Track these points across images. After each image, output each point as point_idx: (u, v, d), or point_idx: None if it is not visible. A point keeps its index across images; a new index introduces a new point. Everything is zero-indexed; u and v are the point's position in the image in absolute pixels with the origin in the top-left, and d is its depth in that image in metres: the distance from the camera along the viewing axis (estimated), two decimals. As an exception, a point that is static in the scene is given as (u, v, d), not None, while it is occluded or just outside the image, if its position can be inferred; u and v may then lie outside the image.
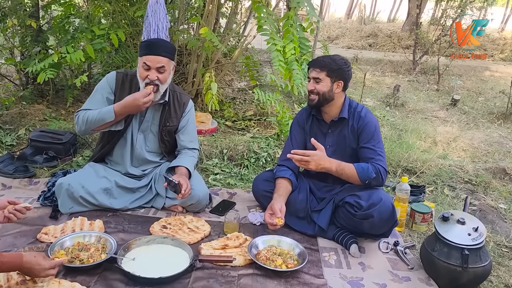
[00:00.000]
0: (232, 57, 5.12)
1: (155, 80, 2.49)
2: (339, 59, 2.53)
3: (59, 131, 3.50)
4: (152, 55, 2.48)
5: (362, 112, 2.57)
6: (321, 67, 2.49)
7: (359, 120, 2.55)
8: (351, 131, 2.57)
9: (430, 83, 7.64)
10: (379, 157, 2.47)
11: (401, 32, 12.51)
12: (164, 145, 2.79)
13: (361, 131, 2.54)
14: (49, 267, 1.84)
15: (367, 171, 2.39)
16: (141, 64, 2.50)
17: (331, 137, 2.63)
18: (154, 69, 2.48)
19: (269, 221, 2.39)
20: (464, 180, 3.58)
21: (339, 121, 2.59)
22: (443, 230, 2.21)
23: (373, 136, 2.51)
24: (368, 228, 2.40)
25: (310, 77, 2.52)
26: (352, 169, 2.40)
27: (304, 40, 3.98)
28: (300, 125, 2.74)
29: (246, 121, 4.49)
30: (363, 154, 2.51)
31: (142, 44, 2.57)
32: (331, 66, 2.49)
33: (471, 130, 5.12)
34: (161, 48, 2.50)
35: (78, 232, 2.28)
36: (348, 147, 2.59)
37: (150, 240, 2.26)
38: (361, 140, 2.53)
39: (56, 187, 2.53)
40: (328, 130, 2.64)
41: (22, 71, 4.19)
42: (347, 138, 2.59)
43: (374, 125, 2.54)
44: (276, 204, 2.43)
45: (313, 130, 2.70)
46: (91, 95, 2.65)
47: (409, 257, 2.42)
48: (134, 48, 4.25)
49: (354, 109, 2.59)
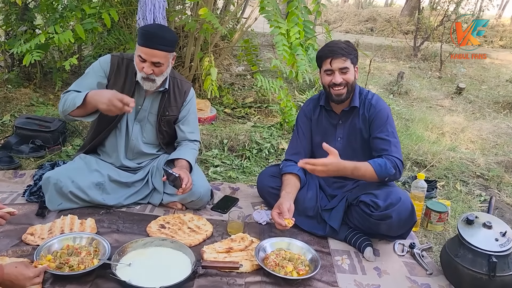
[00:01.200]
0: (231, 41, 4.85)
1: (150, 75, 2.24)
2: (350, 43, 2.34)
3: (47, 118, 3.25)
4: (148, 47, 2.19)
5: (373, 100, 2.37)
6: (345, 55, 2.25)
7: (370, 108, 2.35)
8: (363, 120, 2.36)
9: (432, 70, 7.45)
10: (394, 149, 2.26)
11: (400, 16, 12.27)
12: (162, 136, 2.56)
13: (372, 120, 2.33)
14: (33, 276, 1.63)
15: (385, 167, 2.17)
16: (137, 54, 2.24)
17: (341, 129, 2.43)
18: (149, 63, 2.22)
19: (278, 221, 2.19)
20: (475, 174, 3.41)
21: (350, 110, 2.38)
22: (467, 234, 2.03)
23: (385, 125, 2.30)
24: (385, 230, 2.21)
25: (334, 68, 2.25)
26: (369, 168, 2.18)
27: (309, 24, 3.75)
28: (307, 116, 2.52)
29: (246, 109, 4.26)
30: (376, 145, 2.30)
31: (140, 31, 2.26)
32: (353, 51, 2.28)
33: (478, 120, 4.95)
34: (159, 40, 2.19)
35: (68, 233, 2.06)
36: (360, 138, 2.39)
37: (148, 242, 2.06)
38: (374, 130, 2.32)
39: (43, 182, 2.30)
40: (339, 121, 2.43)
41: (7, 52, 3.90)
42: (358, 129, 2.38)
43: (386, 113, 2.33)
44: (284, 203, 2.23)
45: (321, 122, 2.48)
46: (81, 77, 2.39)
47: (427, 261, 2.24)
48: (128, 29, 3.98)
49: (364, 97, 2.39)
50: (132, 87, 2.38)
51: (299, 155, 2.43)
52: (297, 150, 2.50)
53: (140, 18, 3.08)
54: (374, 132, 2.32)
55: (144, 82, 2.28)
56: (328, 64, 2.26)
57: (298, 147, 2.50)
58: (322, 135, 2.47)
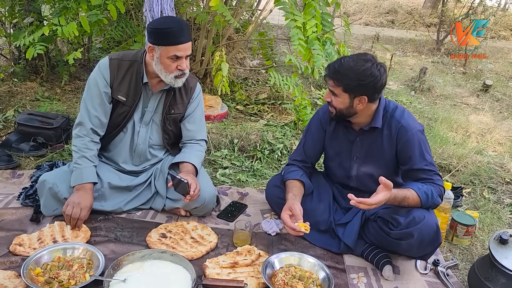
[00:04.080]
0: (245, 34, 4.65)
1: (185, 70, 2.12)
2: (362, 70, 1.89)
3: (50, 114, 3.11)
4: (183, 43, 2.07)
5: (403, 120, 2.02)
6: (334, 79, 1.95)
7: (399, 132, 2.01)
8: (388, 141, 2.06)
9: (456, 66, 7.11)
10: (436, 177, 1.98)
11: (423, 8, 11.84)
12: (168, 136, 2.39)
13: (402, 147, 2.02)
14: None
15: (432, 197, 1.91)
16: (168, 56, 2.07)
17: (358, 147, 2.15)
18: (184, 58, 2.10)
19: (290, 225, 1.96)
20: (505, 181, 3.15)
21: (370, 130, 2.09)
22: (500, 256, 1.81)
23: (421, 152, 1.99)
24: (405, 250, 1.99)
25: (328, 85, 2.02)
26: (415, 197, 1.89)
27: (327, 16, 3.52)
28: (323, 126, 2.25)
29: (259, 105, 4.06)
30: (415, 176, 2.00)
31: (161, 31, 2.06)
32: (348, 82, 1.91)
33: (506, 120, 4.65)
34: (185, 32, 2.08)
35: (59, 244, 1.91)
36: (381, 159, 2.11)
37: (146, 255, 1.89)
38: (407, 161, 2.01)
39: (39, 185, 2.15)
40: (356, 138, 2.15)
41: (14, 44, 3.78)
42: (380, 149, 2.10)
43: (420, 136, 2.02)
44: (295, 204, 2.04)
45: (337, 135, 2.21)
46: (85, 93, 2.22)
47: (453, 281, 2.02)
48: (136, 20, 3.81)
49: (390, 115, 2.05)
50: (139, 90, 2.22)
51: (303, 163, 2.27)
52: (302, 158, 2.29)
53: (147, 10, 2.90)
54: (407, 163, 2.02)
55: (177, 80, 2.15)
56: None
57: (303, 155, 2.30)
58: (337, 150, 2.23)
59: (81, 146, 2.17)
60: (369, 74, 1.89)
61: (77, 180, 2.10)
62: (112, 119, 2.26)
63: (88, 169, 2.15)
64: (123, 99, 2.22)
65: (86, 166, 2.14)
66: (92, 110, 2.20)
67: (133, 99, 2.24)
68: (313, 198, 2.24)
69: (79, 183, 2.09)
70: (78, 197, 2.06)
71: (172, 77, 2.13)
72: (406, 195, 1.90)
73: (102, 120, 2.22)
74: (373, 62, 1.92)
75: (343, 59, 1.96)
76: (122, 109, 2.25)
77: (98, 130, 2.21)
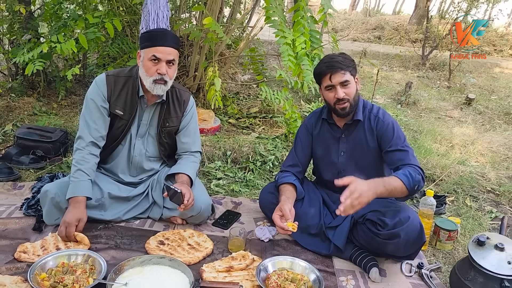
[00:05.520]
0: (237, 49, 4.80)
1: (164, 75, 2.20)
2: (346, 55, 2.28)
3: (48, 128, 3.21)
4: (163, 46, 2.18)
5: (380, 114, 2.29)
6: (344, 68, 2.18)
7: (377, 122, 2.27)
8: (369, 133, 2.29)
9: (441, 80, 7.34)
10: (411, 158, 2.17)
11: (408, 25, 12.17)
12: (164, 148, 2.51)
13: (382, 135, 2.25)
14: None
15: (412, 177, 2.03)
16: (148, 57, 2.19)
17: (344, 143, 2.36)
18: (164, 62, 2.20)
19: (280, 225, 2.11)
20: (486, 189, 3.31)
21: (353, 124, 2.31)
22: (478, 257, 1.94)
23: (397, 138, 2.22)
24: (392, 250, 2.12)
25: (334, 83, 2.19)
26: (397, 181, 2.02)
27: (316, 33, 3.68)
28: (308, 131, 2.46)
29: (251, 119, 4.20)
30: (392, 157, 2.20)
31: (147, 34, 2.24)
32: (350, 63, 2.22)
33: (488, 132, 4.84)
34: (172, 38, 2.22)
35: (63, 250, 2.00)
36: (365, 151, 2.31)
37: (145, 260, 1.98)
38: (385, 145, 2.24)
39: (41, 195, 2.24)
40: (342, 135, 2.35)
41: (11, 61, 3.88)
42: (363, 141, 2.31)
43: (395, 126, 2.26)
44: (286, 205, 2.17)
45: (323, 136, 2.42)
46: (84, 108, 2.32)
47: (436, 282, 2.15)
48: (132, 38, 3.94)
49: (369, 111, 2.32)
50: (135, 103, 2.34)
51: (295, 167, 2.44)
52: (294, 162, 2.47)
53: (143, 27, 3.05)
54: (386, 146, 2.23)
55: (155, 85, 2.22)
56: (328, 80, 2.20)
57: (295, 160, 2.47)
58: (324, 148, 2.42)
59: (79, 159, 2.25)
60: (351, 58, 2.27)
61: (71, 193, 2.16)
62: (110, 133, 2.36)
63: (83, 183, 2.20)
64: (121, 113, 2.34)
65: (81, 180, 2.20)
66: (91, 124, 2.30)
67: (130, 113, 2.35)
68: (304, 204, 2.38)
69: (73, 196, 2.16)
70: (71, 214, 2.11)
71: (151, 81, 2.21)
72: (388, 180, 2.01)
73: (102, 132, 2.32)
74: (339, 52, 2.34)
75: (330, 55, 2.28)
76: (120, 122, 2.36)
77: (98, 143, 2.31)
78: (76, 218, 2.12)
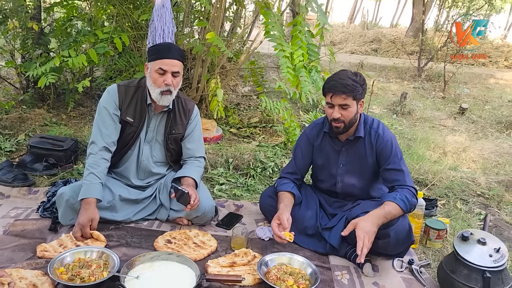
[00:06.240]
0: (237, 62, 5.01)
1: (170, 86, 2.40)
2: (359, 77, 2.30)
3: (60, 138, 3.39)
4: (168, 58, 2.38)
5: (380, 130, 2.42)
6: (347, 92, 2.25)
7: (377, 139, 2.40)
8: (369, 148, 2.43)
9: (436, 91, 7.55)
10: (407, 178, 2.33)
11: (405, 37, 12.43)
12: (170, 154, 2.68)
13: (381, 151, 2.39)
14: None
15: (408, 201, 2.22)
16: (155, 69, 2.38)
17: (344, 156, 2.50)
18: (169, 73, 2.39)
19: (277, 233, 2.28)
20: (476, 193, 3.47)
21: (355, 139, 2.45)
22: (462, 251, 2.10)
23: (395, 156, 2.36)
24: (382, 248, 2.28)
25: (334, 103, 2.30)
26: (396, 207, 2.19)
27: (313, 47, 3.89)
28: (310, 141, 2.59)
29: (251, 128, 4.38)
30: (389, 176, 2.37)
31: (154, 48, 2.46)
32: (357, 88, 2.27)
33: (480, 140, 5.02)
34: (177, 52, 2.42)
35: (80, 247, 2.16)
36: (365, 164, 2.46)
37: (155, 256, 2.15)
38: (383, 161, 2.38)
39: (57, 197, 2.41)
40: (342, 148, 2.50)
41: (23, 74, 4.08)
42: (363, 156, 2.45)
43: (393, 143, 2.39)
44: (284, 214, 2.33)
45: (324, 148, 2.55)
46: (97, 116, 2.51)
47: (425, 277, 2.30)
48: (138, 52, 4.15)
49: (370, 126, 2.44)
50: (144, 111, 2.53)
51: (294, 175, 2.57)
52: (293, 170, 2.61)
53: (150, 42, 3.24)
54: (384, 163, 2.38)
55: (162, 96, 2.42)
56: (329, 98, 2.33)
57: (294, 168, 2.61)
58: (324, 159, 2.56)
59: (91, 163, 2.43)
60: (363, 80, 2.32)
61: (83, 195, 2.32)
62: (121, 139, 2.55)
63: (94, 185, 2.37)
64: (131, 120, 2.52)
65: (92, 183, 2.37)
66: (104, 130, 2.48)
67: (139, 120, 2.54)
68: (302, 207, 2.54)
69: (85, 197, 2.32)
70: (83, 216, 2.27)
71: (158, 92, 2.41)
72: (388, 210, 2.19)
73: (113, 138, 2.50)
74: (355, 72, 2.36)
75: (341, 74, 2.31)
76: (130, 129, 2.54)
77: (109, 148, 2.49)
78: (88, 218, 2.28)
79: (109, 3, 3.91)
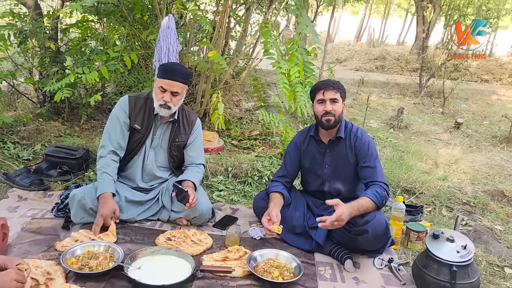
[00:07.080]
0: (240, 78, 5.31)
1: (168, 102, 2.68)
2: (339, 83, 2.73)
3: (73, 147, 3.69)
4: (168, 79, 2.67)
5: (358, 133, 2.73)
6: (336, 88, 2.64)
7: (356, 140, 2.71)
8: (349, 149, 2.72)
9: (435, 106, 7.76)
10: (379, 175, 2.60)
11: (409, 55, 12.70)
12: (173, 160, 2.95)
13: (359, 151, 2.68)
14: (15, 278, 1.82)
15: (379, 195, 2.49)
16: (158, 86, 2.69)
17: (329, 157, 2.78)
18: (169, 92, 2.68)
19: (267, 227, 2.53)
20: (462, 202, 3.67)
21: (336, 140, 2.74)
22: (433, 248, 2.32)
23: (372, 154, 2.66)
24: (362, 244, 2.51)
25: (325, 98, 2.63)
26: (369, 201, 2.46)
27: (309, 64, 4.15)
28: (298, 146, 2.89)
29: (252, 140, 4.64)
30: (364, 173, 2.65)
31: (161, 67, 2.76)
32: (342, 88, 2.69)
33: (473, 153, 5.21)
34: (178, 73, 2.69)
35: (89, 241, 2.43)
36: (346, 164, 2.74)
37: (155, 250, 2.40)
38: (360, 160, 2.67)
39: (70, 198, 2.69)
40: (326, 150, 2.78)
41: (40, 90, 4.41)
42: (344, 156, 2.73)
43: (370, 144, 2.70)
44: (273, 211, 2.59)
45: (310, 151, 2.84)
46: (108, 123, 2.81)
47: (402, 273, 2.51)
48: (146, 69, 4.46)
49: (350, 130, 2.75)
50: (152, 119, 2.81)
51: (284, 178, 2.87)
52: (284, 174, 2.89)
53: (156, 60, 3.54)
54: (361, 162, 2.68)
55: (161, 109, 2.72)
56: (321, 95, 2.65)
57: (285, 171, 2.90)
58: (311, 161, 2.83)
59: (102, 164, 2.73)
60: (343, 87, 2.74)
61: (100, 191, 2.63)
62: (129, 145, 2.83)
63: (109, 182, 2.68)
64: (139, 127, 2.81)
65: (106, 180, 2.68)
66: (113, 135, 2.78)
67: (147, 128, 2.82)
68: (291, 208, 2.79)
69: (102, 193, 2.62)
70: (105, 208, 2.58)
71: (157, 105, 2.72)
72: (359, 202, 2.46)
73: (121, 143, 2.79)
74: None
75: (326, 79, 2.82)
76: (137, 136, 2.83)
77: (117, 151, 2.78)
78: (110, 210, 2.59)
79: (120, 24, 4.25)
